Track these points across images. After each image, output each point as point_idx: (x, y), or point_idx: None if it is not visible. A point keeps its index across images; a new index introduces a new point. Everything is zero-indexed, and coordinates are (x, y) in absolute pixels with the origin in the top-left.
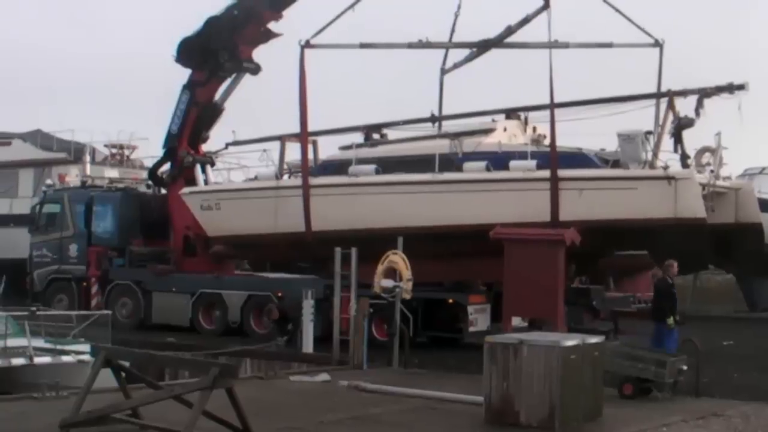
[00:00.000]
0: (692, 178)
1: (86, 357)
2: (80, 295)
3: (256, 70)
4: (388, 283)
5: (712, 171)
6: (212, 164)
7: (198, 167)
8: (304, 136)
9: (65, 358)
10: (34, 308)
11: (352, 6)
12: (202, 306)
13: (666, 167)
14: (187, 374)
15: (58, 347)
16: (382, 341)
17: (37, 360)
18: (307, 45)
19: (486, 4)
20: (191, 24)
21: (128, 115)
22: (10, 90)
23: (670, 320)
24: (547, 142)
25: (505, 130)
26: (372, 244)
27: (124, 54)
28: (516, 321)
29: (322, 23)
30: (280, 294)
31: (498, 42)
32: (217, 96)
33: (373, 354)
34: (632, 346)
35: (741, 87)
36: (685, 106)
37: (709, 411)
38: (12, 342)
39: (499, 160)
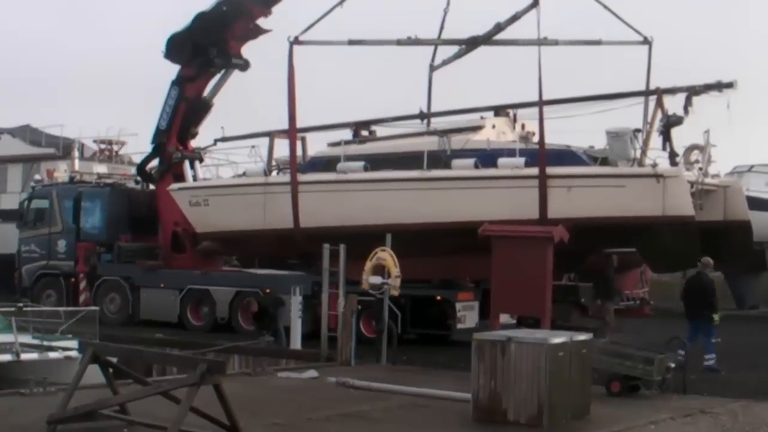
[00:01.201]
0: (681, 176)
1: (73, 353)
2: (69, 291)
3: (245, 66)
4: (377, 279)
5: (700, 169)
6: (201, 160)
7: (187, 163)
8: (292, 133)
9: (52, 355)
10: (20, 304)
11: (340, 2)
12: (190, 302)
13: (654, 165)
14: (175, 370)
15: (46, 343)
16: (370, 338)
17: (24, 356)
18: (296, 41)
19: (475, 1)
20: (181, 19)
21: (117, 110)
22: None
23: (717, 316)
24: (535, 139)
25: (493, 127)
26: (360, 240)
27: (114, 49)
28: (504, 318)
29: (311, 20)
30: (268, 290)
31: (487, 39)
32: (206, 92)
33: (362, 351)
34: (620, 343)
35: (730, 85)
36: (673, 104)
37: (696, 408)
38: None
39: (487, 157)
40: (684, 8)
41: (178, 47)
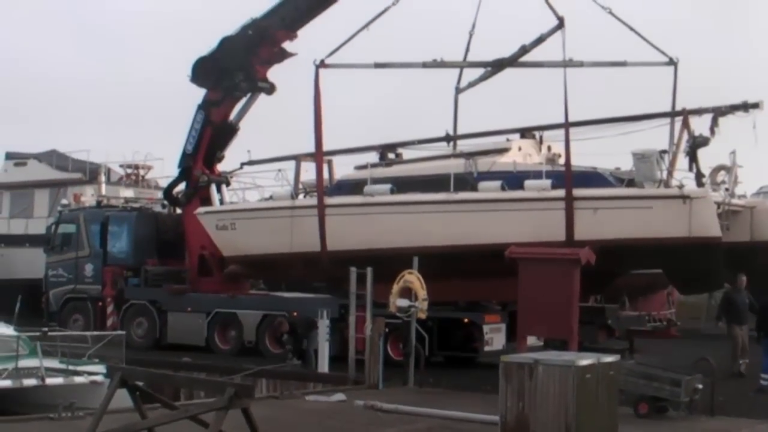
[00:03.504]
0: (707, 197)
1: (99, 377)
2: (96, 315)
3: (270, 89)
4: (404, 302)
5: (727, 190)
6: (227, 184)
7: (213, 187)
8: (319, 156)
9: (77, 379)
10: (46, 329)
11: (366, 26)
12: (217, 326)
13: (681, 186)
14: (203, 394)
15: (71, 368)
16: (397, 361)
17: (49, 381)
18: (322, 64)
19: (500, 23)
20: (206, 44)
21: (143, 135)
22: (26, 110)
23: None
24: (561, 161)
25: (519, 149)
26: (387, 263)
27: (140, 74)
28: (531, 340)
29: (337, 43)
30: (295, 314)
31: (512, 61)
32: (232, 116)
33: (389, 373)
34: (647, 364)
35: (756, 105)
36: (700, 125)
37: (724, 430)
38: (25, 363)
39: (514, 179)
40: (709, 29)
41: (203, 71)
